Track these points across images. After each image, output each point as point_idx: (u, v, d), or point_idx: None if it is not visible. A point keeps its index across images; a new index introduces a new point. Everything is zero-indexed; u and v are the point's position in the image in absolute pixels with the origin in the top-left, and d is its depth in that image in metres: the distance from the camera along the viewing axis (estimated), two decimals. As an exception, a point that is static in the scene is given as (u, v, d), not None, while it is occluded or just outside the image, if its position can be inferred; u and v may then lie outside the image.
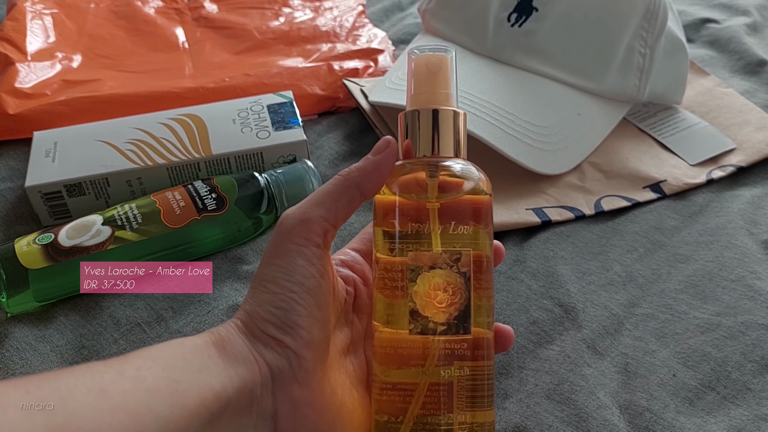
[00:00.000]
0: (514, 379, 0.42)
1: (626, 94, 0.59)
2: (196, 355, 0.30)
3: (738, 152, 0.60)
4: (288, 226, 0.33)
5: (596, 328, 0.45)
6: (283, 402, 0.31)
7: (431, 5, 0.64)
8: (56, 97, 0.65)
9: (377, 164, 0.34)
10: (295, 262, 0.32)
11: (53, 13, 0.78)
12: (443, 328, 0.33)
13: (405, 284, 0.33)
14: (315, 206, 0.33)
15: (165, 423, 0.27)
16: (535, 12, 0.58)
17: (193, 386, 0.29)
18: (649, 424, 0.39)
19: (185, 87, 0.67)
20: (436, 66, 0.35)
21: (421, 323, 0.33)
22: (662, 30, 0.58)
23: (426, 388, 0.32)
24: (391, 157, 0.34)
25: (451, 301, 0.33)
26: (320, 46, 0.76)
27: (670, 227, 0.54)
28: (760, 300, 0.46)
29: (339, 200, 0.33)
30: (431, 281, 0.33)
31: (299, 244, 0.32)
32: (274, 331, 0.31)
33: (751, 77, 0.71)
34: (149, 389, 0.27)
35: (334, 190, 0.34)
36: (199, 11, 0.82)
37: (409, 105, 0.35)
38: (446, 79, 0.35)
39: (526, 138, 0.55)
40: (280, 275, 0.32)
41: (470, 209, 0.33)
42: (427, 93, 0.34)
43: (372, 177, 0.34)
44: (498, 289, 0.48)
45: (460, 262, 0.33)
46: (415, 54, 0.35)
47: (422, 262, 0.33)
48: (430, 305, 0.33)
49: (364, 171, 0.34)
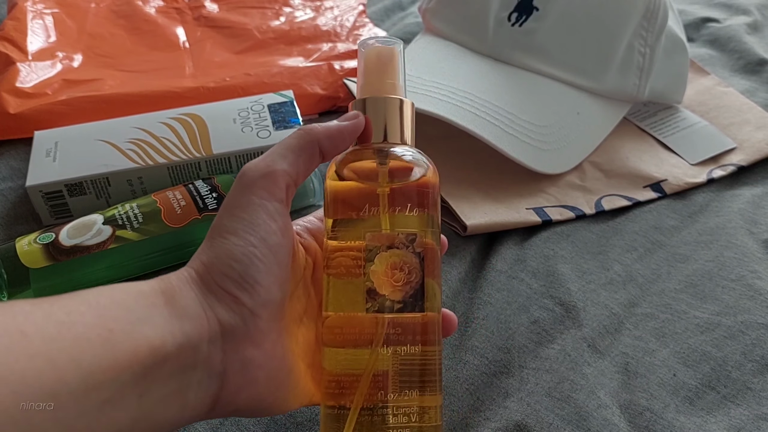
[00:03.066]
0: (515, 378, 0.42)
1: (626, 93, 0.59)
2: (139, 303, 0.28)
3: (738, 151, 0.60)
4: (251, 179, 0.32)
5: (596, 327, 0.45)
6: (234, 361, 0.30)
7: (432, 4, 0.64)
8: (57, 97, 0.65)
9: (341, 129, 0.34)
10: (257, 215, 0.31)
11: (54, 12, 0.78)
12: (399, 305, 0.33)
13: (361, 264, 0.33)
14: (279, 159, 0.32)
15: (88, 375, 0.25)
16: (536, 11, 0.58)
17: (128, 337, 0.27)
18: (649, 423, 0.39)
19: (186, 86, 0.67)
20: (386, 57, 0.36)
21: (378, 301, 0.33)
22: (662, 29, 0.58)
23: (373, 370, 0.33)
24: (357, 127, 0.34)
25: (407, 280, 0.34)
26: (321, 46, 0.76)
27: (669, 227, 0.54)
28: (760, 299, 0.46)
29: (300, 156, 0.33)
30: (388, 260, 0.33)
31: (262, 197, 0.31)
32: (232, 286, 0.30)
33: (751, 76, 0.71)
34: (76, 337, 0.25)
35: (295, 144, 0.33)
36: (199, 11, 0.82)
37: (358, 94, 0.36)
38: (394, 70, 0.36)
39: (526, 137, 0.55)
40: (241, 227, 0.30)
41: (418, 195, 0.34)
42: (376, 83, 0.36)
43: (335, 139, 0.34)
44: (498, 289, 0.48)
45: (415, 243, 0.34)
46: (365, 46, 0.36)
47: (380, 242, 0.33)
48: (387, 284, 0.33)
49: (328, 131, 0.34)
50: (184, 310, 0.29)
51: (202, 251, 0.31)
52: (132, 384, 0.26)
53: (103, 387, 0.25)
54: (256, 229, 0.31)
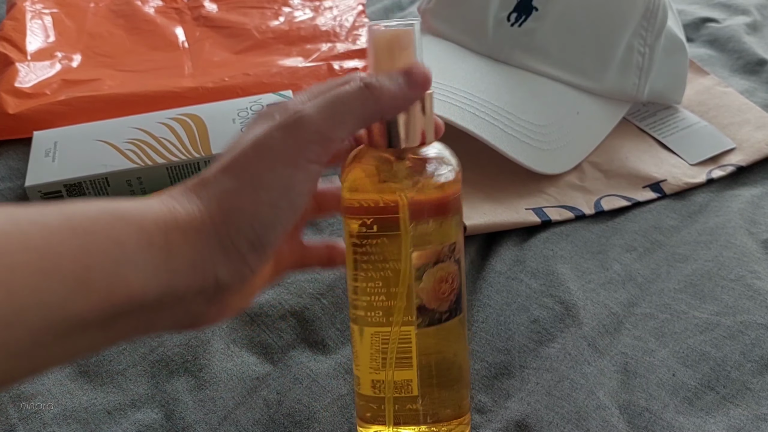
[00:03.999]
0: (516, 379, 0.42)
1: (626, 93, 0.59)
2: (133, 239, 0.25)
3: (738, 152, 0.60)
4: (308, 137, 0.29)
5: (596, 326, 0.45)
6: (214, 306, 0.29)
7: (431, 5, 0.64)
8: (56, 97, 0.65)
9: (408, 99, 0.31)
10: (297, 179, 0.29)
11: (53, 12, 0.78)
12: (446, 315, 0.34)
13: (409, 284, 0.33)
14: (338, 125, 0.29)
15: (51, 312, 0.23)
16: (535, 11, 0.58)
17: (106, 278, 0.24)
18: (649, 424, 0.39)
19: (185, 86, 0.67)
20: (402, 42, 0.32)
21: (428, 315, 0.34)
22: (662, 29, 0.58)
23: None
24: (421, 95, 0.31)
25: (452, 289, 0.34)
26: (320, 46, 0.76)
27: (669, 227, 0.54)
28: (760, 299, 0.46)
29: (359, 124, 0.30)
30: (436, 275, 0.33)
31: (310, 160, 0.29)
32: (246, 247, 0.28)
33: (750, 76, 0.71)
34: (44, 271, 0.23)
35: (359, 112, 0.30)
36: (198, 10, 0.82)
37: None
38: (410, 57, 0.32)
39: (526, 137, 0.55)
40: (278, 187, 0.28)
41: (453, 201, 0.34)
42: None
43: (398, 109, 0.31)
44: (498, 290, 0.48)
45: (455, 250, 0.34)
46: (374, 32, 0.32)
47: (428, 260, 0.33)
48: (436, 298, 0.34)
49: (395, 101, 0.31)
50: (182, 261, 0.27)
51: (226, 191, 0.28)
52: (98, 322, 0.25)
53: (65, 323, 0.24)
54: (291, 191, 0.28)
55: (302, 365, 0.43)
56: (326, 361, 0.44)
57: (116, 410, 0.41)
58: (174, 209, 0.27)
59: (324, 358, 0.44)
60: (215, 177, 0.28)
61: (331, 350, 0.45)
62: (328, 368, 0.43)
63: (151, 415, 0.41)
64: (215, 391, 0.42)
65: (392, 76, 0.31)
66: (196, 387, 0.42)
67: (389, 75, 0.31)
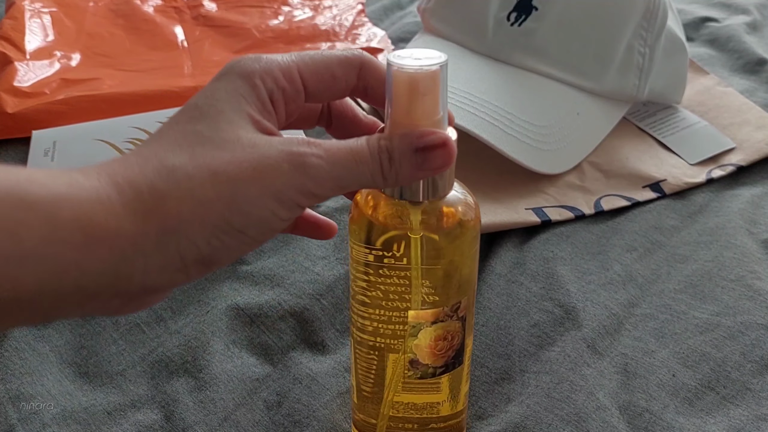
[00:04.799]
0: (517, 384, 0.42)
1: (626, 93, 0.59)
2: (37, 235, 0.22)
3: (738, 151, 0.60)
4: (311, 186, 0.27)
5: (596, 327, 0.45)
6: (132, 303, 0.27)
7: (431, 4, 0.64)
8: (55, 96, 0.65)
9: (423, 178, 0.29)
10: (280, 214, 0.26)
11: (52, 11, 0.78)
12: (441, 369, 0.34)
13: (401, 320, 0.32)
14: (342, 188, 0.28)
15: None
16: (535, 11, 0.58)
17: None
18: (649, 424, 0.39)
19: (184, 86, 0.67)
20: (427, 87, 0.28)
21: (420, 370, 0.33)
22: (662, 29, 0.58)
23: None
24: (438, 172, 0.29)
25: (450, 346, 0.33)
26: (320, 45, 0.76)
27: (669, 227, 0.53)
28: (760, 300, 0.46)
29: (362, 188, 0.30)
30: (433, 334, 0.32)
31: (300, 205, 0.27)
32: (192, 261, 0.25)
33: (750, 76, 0.71)
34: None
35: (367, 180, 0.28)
36: (198, 10, 0.82)
37: (391, 129, 0.29)
38: (435, 102, 0.28)
39: (525, 137, 0.55)
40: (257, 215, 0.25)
41: (471, 257, 0.32)
42: (412, 119, 0.28)
43: (406, 182, 0.29)
44: (498, 293, 0.48)
45: (459, 309, 0.33)
46: (398, 71, 0.27)
47: (425, 319, 0.32)
48: (431, 354, 0.33)
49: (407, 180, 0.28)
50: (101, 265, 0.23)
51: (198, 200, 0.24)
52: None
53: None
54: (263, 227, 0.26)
55: (302, 366, 0.43)
56: (326, 361, 0.44)
57: (116, 411, 0.41)
58: (110, 205, 0.24)
59: (324, 359, 0.44)
60: (189, 171, 0.25)
61: (331, 351, 0.45)
62: (328, 369, 0.43)
63: (150, 416, 0.41)
64: (215, 392, 0.42)
65: (407, 153, 0.27)
66: (196, 388, 0.42)
67: (406, 149, 0.27)
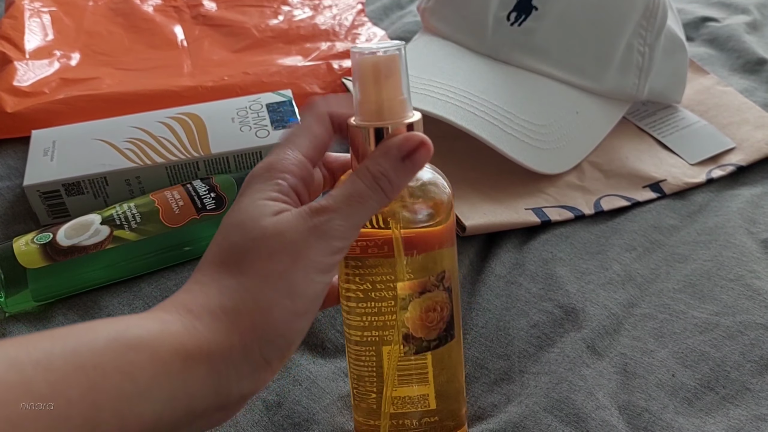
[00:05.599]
0: (516, 385, 0.42)
1: (625, 92, 0.59)
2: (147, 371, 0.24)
3: (737, 151, 0.60)
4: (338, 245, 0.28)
5: (595, 327, 0.45)
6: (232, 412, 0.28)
7: (431, 3, 0.64)
8: (55, 96, 0.65)
9: (410, 179, 0.30)
10: (326, 281, 0.28)
11: (51, 11, 0.78)
12: (435, 342, 0.34)
13: (391, 310, 0.33)
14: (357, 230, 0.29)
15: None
16: (535, 11, 0.58)
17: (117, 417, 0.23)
18: (648, 424, 0.39)
19: (184, 85, 0.67)
20: (388, 70, 0.30)
21: (415, 344, 0.34)
22: (662, 28, 0.58)
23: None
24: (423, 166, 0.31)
25: (440, 317, 0.34)
26: (319, 45, 0.76)
27: (668, 226, 0.53)
28: (759, 299, 0.46)
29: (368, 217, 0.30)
30: (422, 305, 0.33)
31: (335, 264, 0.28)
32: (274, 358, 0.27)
33: (750, 76, 0.71)
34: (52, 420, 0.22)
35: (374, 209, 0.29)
36: (197, 9, 0.82)
37: (359, 115, 0.31)
38: (397, 84, 0.30)
39: (525, 137, 0.55)
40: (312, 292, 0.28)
41: (448, 232, 0.33)
42: (379, 102, 0.30)
43: (398, 191, 0.30)
44: (497, 294, 0.48)
45: (444, 279, 0.34)
46: (360, 55, 0.30)
47: (413, 289, 0.33)
48: (422, 326, 0.34)
49: (400, 189, 0.30)
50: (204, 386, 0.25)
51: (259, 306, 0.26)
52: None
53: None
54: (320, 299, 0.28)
55: (302, 367, 0.43)
56: (325, 364, 0.44)
57: (115, 411, 0.41)
58: (196, 332, 0.25)
59: (323, 361, 0.44)
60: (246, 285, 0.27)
61: (331, 353, 0.45)
62: (328, 371, 0.43)
63: (150, 415, 0.41)
64: (214, 392, 0.42)
65: (398, 166, 0.29)
66: (195, 387, 0.42)
67: (395, 163, 0.29)
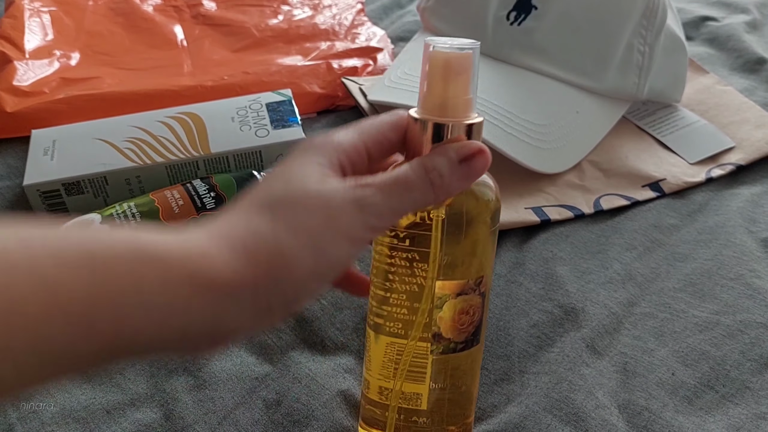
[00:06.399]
0: (516, 384, 0.42)
1: (625, 92, 0.59)
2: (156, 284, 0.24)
3: (737, 150, 0.60)
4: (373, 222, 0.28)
5: (595, 326, 0.45)
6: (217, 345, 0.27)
7: (430, 3, 0.64)
8: (55, 95, 0.65)
9: (463, 188, 0.31)
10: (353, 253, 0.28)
11: (51, 10, 0.78)
12: (462, 345, 0.34)
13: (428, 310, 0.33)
14: (397, 216, 0.29)
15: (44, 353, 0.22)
16: (535, 10, 0.58)
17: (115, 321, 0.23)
18: (648, 423, 0.39)
19: (184, 85, 0.67)
20: (460, 68, 0.30)
21: (443, 345, 0.34)
22: (661, 28, 0.58)
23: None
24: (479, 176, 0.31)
25: (471, 321, 0.34)
26: (319, 44, 0.76)
27: (669, 226, 0.53)
28: (759, 298, 0.46)
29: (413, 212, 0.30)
30: (457, 307, 0.33)
31: (366, 240, 0.28)
32: (279, 308, 0.27)
33: (750, 75, 0.71)
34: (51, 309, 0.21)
35: (419, 203, 0.29)
36: (197, 8, 0.82)
37: (424, 109, 0.31)
38: (467, 83, 0.30)
39: (525, 137, 0.55)
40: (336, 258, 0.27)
41: (493, 235, 0.33)
42: (445, 98, 0.30)
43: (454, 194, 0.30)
44: (498, 294, 0.48)
45: (482, 284, 0.34)
46: (434, 50, 0.30)
47: (451, 290, 0.33)
48: (453, 328, 0.34)
49: (452, 193, 0.30)
50: (204, 314, 0.25)
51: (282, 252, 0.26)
52: (92, 358, 0.23)
53: (58, 360, 0.22)
54: (341, 268, 0.28)
55: (301, 365, 0.43)
56: (325, 361, 0.44)
57: (115, 409, 0.41)
58: (212, 259, 0.25)
59: (323, 359, 0.44)
60: (273, 228, 0.26)
61: (330, 350, 0.45)
62: (327, 368, 0.43)
63: (150, 414, 0.41)
64: (214, 391, 0.42)
65: (453, 167, 0.30)
66: (196, 386, 0.42)
67: (450, 163, 0.30)
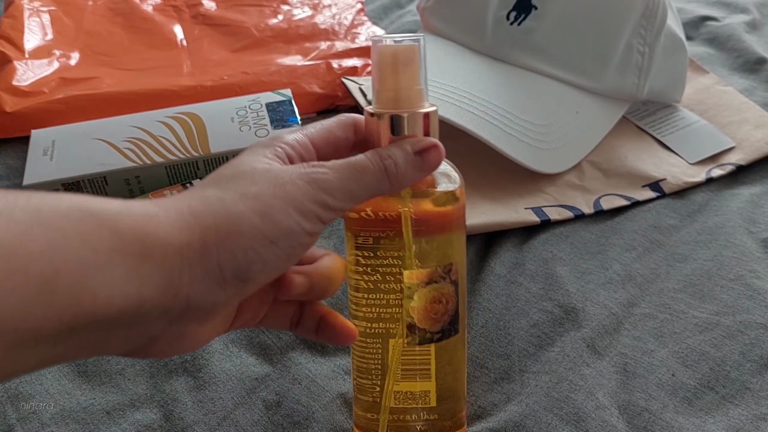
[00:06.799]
0: (516, 384, 0.42)
1: (625, 92, 0.59)
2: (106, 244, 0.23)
3: (737, 151, 0.60)
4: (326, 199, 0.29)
5: (595, 327, 0.45)
6: (174, 332, 0.27)
7: (430, 3, 0.64)
8: (54, 95, 0.65)
9: (419, 178, 0.32)
10: (303, 225, 0.28)
11: (51, 10, 0.78)
12: (438, 335, 0.34)
13: (399, 302, 0.33)
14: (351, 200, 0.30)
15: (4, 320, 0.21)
16: (534, 10, 0.58)
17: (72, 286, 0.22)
18: (648, 424, 0.39)
19: (183, 85, 0.67)
20: (407, 59, 0.31)
21: (418, 335, 0.34)
22: (661, 28, 0.58)
23: None
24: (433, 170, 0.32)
25: (445, 310, 0.34)
26: (319, 44, 0.75)
27: (669, 226, 0.53)
28: (759, 299, 0.46)
29: (367, 199, 0.31)
30: (428, 296, 0.33)
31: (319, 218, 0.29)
32: (230, 275, 0.26)
33: (750, 75, 0.71)
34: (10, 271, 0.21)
35: (373, 190, 0.30)
36: (197, 8, 0.81)
37: (378, 103, 0.32)
38: (415, 74, 0.31)
39: (525, 137, 0.55)
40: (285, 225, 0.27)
41: (457, 218, 0.34)
42: (397, 90, 0.32)
43: (408, 185, 0.32)
44: (497, 294, 0.48)
45: (451, 271, 0.34)
46: (380, 45, 0.31)
47: (419, 279, 0.33)
48: (427, 318, 0.34)
49: (407, 182, 0.31)
50: (156, 275, 0.24)
51: (230, 213, 0.26)
52: (52, 336, 0.22)
53: (16, 335, 0.21)
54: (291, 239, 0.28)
55: (301, 366, 0.43)
56: (325, 362, 0.44)
57: (115, 410, 0.41)
58: (156, 218, 0.25)
59: (323, 359, 0.44)
60: (220, 195, 0.27)
61: (330, 351, 0.45)
62: (327, 369, 0.43)
63: (150, 415, 0.41)
64: (214, 392, 0.42)
65: (408, 157, 0.31)
66: (195, 387, 0.42)
67: (405, 154, 0.31)
